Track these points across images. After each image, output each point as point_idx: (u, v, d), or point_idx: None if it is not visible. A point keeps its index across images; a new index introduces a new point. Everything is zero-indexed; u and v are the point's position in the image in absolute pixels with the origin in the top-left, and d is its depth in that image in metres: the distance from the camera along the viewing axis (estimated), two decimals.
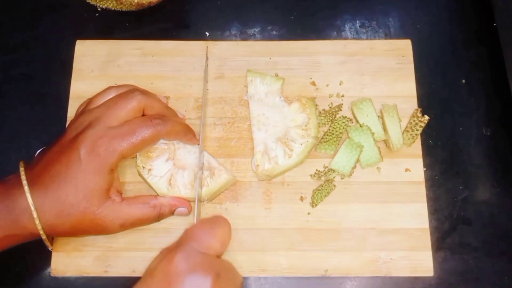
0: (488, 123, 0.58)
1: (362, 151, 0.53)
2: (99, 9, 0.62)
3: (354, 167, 0.54)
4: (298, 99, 0.55)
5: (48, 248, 0.50)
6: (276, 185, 0.54)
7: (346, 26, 0.62)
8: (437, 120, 0.58)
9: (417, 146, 0.56)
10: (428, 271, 0.52)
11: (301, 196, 0.54)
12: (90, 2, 0.61)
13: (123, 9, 0.61)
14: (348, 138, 0.55)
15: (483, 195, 0.55)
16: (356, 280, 0.52)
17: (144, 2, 0.60)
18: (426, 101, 0.58)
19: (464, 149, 0.57)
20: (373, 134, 0.54)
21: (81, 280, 0.52)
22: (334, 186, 0.54)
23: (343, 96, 0.58)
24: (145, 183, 0.53)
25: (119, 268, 0.52)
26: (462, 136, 0.57)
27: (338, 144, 0.55)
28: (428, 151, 0.57)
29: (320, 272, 0.52)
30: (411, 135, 0.55)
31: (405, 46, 0.59)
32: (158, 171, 0.52)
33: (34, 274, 0.52)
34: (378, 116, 0.56)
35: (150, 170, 0.52)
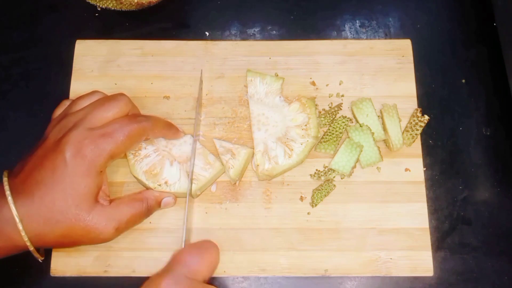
0: (488, 123, 0.58)
1: (362, 151, 0.53)
2: (99, 9, 0.62)
3: (354, 167, 0.54)
4: (298, 99, 0.55)
5: (39, 260, 0.48)
6: (276, 185, 0.54)
7: (346, 26, 0.62)
8: (437, 120, 0.58)
9: (417, 146, 0.56)
10: (428, 271, 0.52)
11: (301, 196, 0.54)
12: (90, 2, 0.61)
13: (123, 9, 0.61)
14: (348, 138, 0.55)
15: (483, 195, 0.55)
16: (356, 280, 0.52)
17: (144, 2, 0.60)
18: (426, 101, 0.58)
19: (464, 149, 0.57)
20: (373, 134, 0.54)
21: (81, 280, 0.52)
22: (334, 186, 0.54)
23: (343, 96, 0.58)
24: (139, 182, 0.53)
25: (119, 268, 0.52)
26: (462, 136, 0.57)
27: (338, 144, 0.55)
28: (428, 151, 0.57)
29: (320, 272, 0.52)
30: (411, 135, 0.55)
31: (405, 46, 0.59)
32: (148, 167, 0.52)
33: (34, 274, 0.52)
34: (378, 116, 0.56)
35: (144, 170, 0.52)
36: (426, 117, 0.55)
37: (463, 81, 0.59)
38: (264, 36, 0.61)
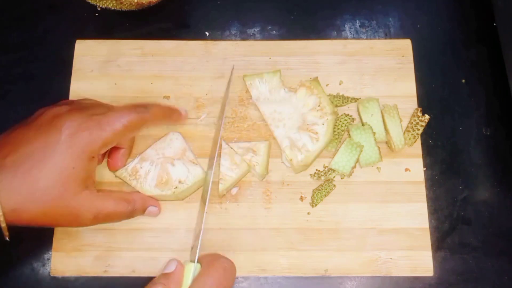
0: (488, 123, 0.58)
1: (362, 151, 0.53)
2: (99, 9, 0.62)
3: (354, 167, 0.54)
4: (301, 84, 0.55)
5: (5, 238, 0.44)
6: (276, 185, 0.54)
7: (346, 26, 0.62)
8: (437, 120, 0.58)
9: (417, 146, 0.56)
10: (428, 271, 0.52)
11: (301, 196, 0.54)
12: (90, 2, 0.61)
13: (123, 9, 0.61)
14: (348, 138, 0.55)
15: (483, 195, 0.55)
16: (356, 280, 0.52)
17: (144, 2, 0.60)
18: (426, 101, 0.58)
19: (464, 149, 0.57)
20: (374, 134, 0.54)
21: (80, 280, 0.52)
22: (334, 186, 0.54)
23: (343, 96, 0.58)
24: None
25: (118, 268, 0.52)
26: (462, 136, 0.57)
27: (340, 141, 0.55)
28: (428, 151, 0.57)
29: (320, 272, 0.52)
30: (412, 134, 0.55)
31: (405, 46, 0.59)
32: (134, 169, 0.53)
33: (34, 274, 0.52)
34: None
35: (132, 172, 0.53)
36: (427, 116, 0.55)
37: (463, 81, 0.59)
38: (264, 36, 0.61)
